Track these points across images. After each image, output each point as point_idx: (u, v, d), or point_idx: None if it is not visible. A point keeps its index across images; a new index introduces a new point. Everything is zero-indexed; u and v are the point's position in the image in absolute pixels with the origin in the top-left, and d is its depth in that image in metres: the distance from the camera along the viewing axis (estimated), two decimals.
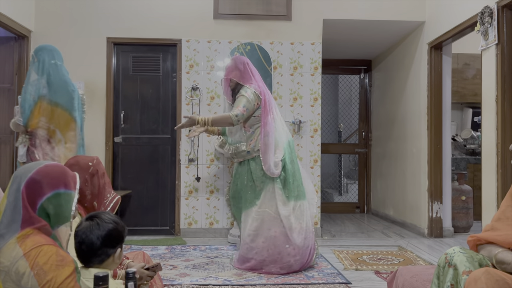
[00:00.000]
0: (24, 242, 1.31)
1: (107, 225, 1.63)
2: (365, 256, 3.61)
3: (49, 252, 1.31)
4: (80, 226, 1.61)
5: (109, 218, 1.60)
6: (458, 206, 4.71)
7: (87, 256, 1.60)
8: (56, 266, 1.30)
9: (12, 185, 1.40)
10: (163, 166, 4.49)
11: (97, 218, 1.60)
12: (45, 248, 1.32)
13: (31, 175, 1.41)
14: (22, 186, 1.38)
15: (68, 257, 1.36)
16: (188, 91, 4.44)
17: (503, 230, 1.51)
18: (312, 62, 4.53)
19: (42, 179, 1.42)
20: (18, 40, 4.28)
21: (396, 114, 5.42)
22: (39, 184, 1.40)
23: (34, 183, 1.39)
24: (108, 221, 1.60)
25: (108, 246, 1.61)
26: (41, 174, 1.43)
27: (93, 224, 1.62)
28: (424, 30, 4.65)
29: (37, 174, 1.42)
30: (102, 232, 1.59)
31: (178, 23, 4.45)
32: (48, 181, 1.43)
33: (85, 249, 1.57)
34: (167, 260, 3.44)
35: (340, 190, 7.07)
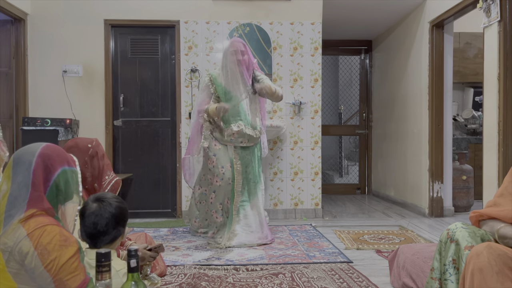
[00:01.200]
0: (27, 222, 1.32)
1: (116, 204, 1.64)
2: (366, 236, 3.63)
3: (53, 232, 1.32)
4: (90, 209, 1.61)
5: (114, 197, 1.61)
6: (459, 186, 4.72)
7: (100, 236, 1.60)
8: (59, 246, 1.30)
9: (16, 166, 1.39)
10: (164, 149, 4.48)
11: (105, 198, 1.60)
12: (49, 228, 1.32)
13: (40, 153, 1.41)
14: (32, 165, 1.38)
15: (72, 237, 1.36)
16: (187, 73, 4.40)
17: (505, 206, 1.50)
18: (312, 42, 4.48)
19: (51, 156, 1.43)
20: (15, 23, 4.23)
21: (396, 94, 5.39)
22: (50, 161, 1.41)
23: (45, 160, 1.40)
24: (115, 201, 1.61)
25: (120, 225, 1.62)
26: (50, 151, 1.44)
27: (105, 205, 1.62)
28: (425, 8, 4.59)
29: (47, 150, 1.43)
30: (115, 211, 1.61)
31: (176, 4, 4.39)
32: (56, 158, 1.44)
33: (101, 229, 1.58)
34: (170, 241, 3.46)
35: (340, 172, 7.08)
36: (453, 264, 1.46)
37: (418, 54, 4.76)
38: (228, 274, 2.58)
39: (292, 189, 4.48)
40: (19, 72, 4.21)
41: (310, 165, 4.50)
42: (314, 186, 4.51)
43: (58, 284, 1.27)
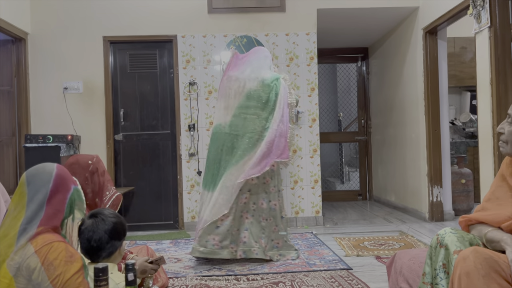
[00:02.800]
0: (35, 239, 1.38)
1: (111, 219, 1.69)
2: (367, 242, 3.66)
3: (59, 249, 1.37)
4: (85, 224, 1.67)
5: (111, 213, 1.66)
6: (459, 190, 4.74)
7: (96, 251, 1.65)
8: (65, 262, 1.36)
9: (32, 185, 1.46)
10: (165, 161, 4.54)
11: (100, 214, 1.66)
12: (55, 245, 1.38)
13: (56, 173, 1.49)
14: (50, 185, 1.45)
15: (77, 254, 1.42)
16: (186, 86, 4.47)
17: (492, 210, 1.54)
18: (307, 52, 4.55)
19: (65, 176, 1.52)
20: (16, 42, 4.32)
21: (394, 100, 5.45)
22: (65, 181, 1.50)
23: (61, 180, 1.49)
24: (111, 216, 1.66)
25: (115, 239, 1.67)
26: (63, 172, 1.53)
27: (98, 221, 1.68)
28: (418, 15, 4.66)
29: (61, 171, 1.52)
30: (108, 226, 1.66)
31: (173, 19, 4.48)
32: (68, 178, 1.53)
33: (95, 244, 1.63)
34: (172, 253, 3.50)
35: (342, 179, 7.11)
36: (444, 269, 1.50)
37: (413, 60, 4.82)
38: (229, 284, 2.62)
39: (292, 198, 4.52)
40: (21, 90, 4.29)
41: (309, 173, 4.54)
42: (314, 194, 4.54)
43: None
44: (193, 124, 4.44)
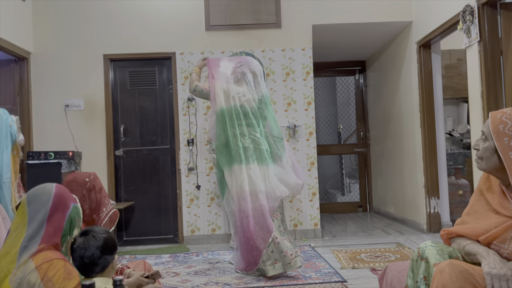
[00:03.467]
0: (36, 256, 1.46)
1: (101, 235, 1.75)
2: (363, 255, 3.69)
3: (58, 266, 1.45)
4: (77, 243, 1.73)
5: (101, 230, 1.73)
6: (456, 201, 4.77)
7: (89, 267, 1.71)
8: (63, 278, 1.44)
9: (32, 204, 1.54)
10: (164, 176, 4.61)
11: (91, 232, 1.72)
12: (55, 262, 1.46)
13: (55, 192, 1.57)
14: (50, 204, 1.53)
15: (75, 271, 1.50)
16: (185, 102, 4.56)
17: (471, 223, 1.60)
18: (303, 67, 4.63)
19: (64, 195, 1.59)
20: (18, 62, 4.44)
21: (391, 113, 5.51)
22: (63, 200, 1.57)
23: (60, 199, 1.56)
24: (101, 232, 1.73)
25: (107, 254, 1.73)
26: (62, 191, 1.61)
27: (89, 238, 1.74)
28: (412, 29, 4.74)
29: (60, 190, 1.60)
30: (99, 242, 1.72)
31: (171, 36, 4.59)
32: (67, 197, 1.61)
33: (87, 261, 1.69)
34: (170, 267, 3.55)
35: (342, 190, 7.14)
36: (424, 281, 1.55)
37: (408, 73, 4.90)
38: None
39: (290, 211, 4.56)
40: (24, 109, 4.40)
41: (307, 186, 4.59)
42: (312, 206, 4.59)
43: None
44: (192, 139, 4.52)
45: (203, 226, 4.53)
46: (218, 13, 4.60)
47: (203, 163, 4.54)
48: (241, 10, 4.61)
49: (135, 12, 4.58)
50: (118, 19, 4.58)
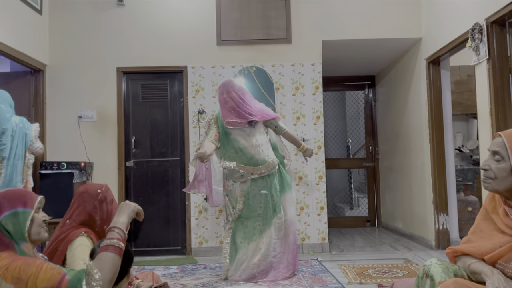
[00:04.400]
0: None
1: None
2: (371, 270, 3.69)
3: (16, 265, 1.47)
4: (94, 254, 1.76)
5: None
6: (465, 217, 4.75)
7: None
8: (28, 267, 1.46)
9: None
10: (173, 187, 4.66)
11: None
12: (12, 265, 1.47)
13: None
14: None
15: (36, 259, 1.52)
16: (195, 114, 4.63)
17: (476, 242, 1.61)
18: (313, 82, 4.68)
19: (1, 200, 1.57)
20: (34, 73, 4.55)
21: (400, 128, 5.52)
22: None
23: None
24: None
25: (123, 266, 1.76)
26: (1, 196, 1.59)
27: None
28: (421, 46, 4.78)
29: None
30: None
31: (183, 51, 4.67)
32: (7, 201, 1.58)
33: None
34: (178, 279, 3.58)
35: (351, 204, 7.13)
36: None
37: (417, 89, 4.92)
38: None
39: (298, 224, 4.57)
40: (38, 119, 4.49)
41: (315, 200, 4.61)
42: (320, 220, 4.60)
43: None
44: None
45: (211, 238, 4.56)
46: (230, 28, 4.69)
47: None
48: (252, 25, 4.70)
49: (148, 26, 4.69)
50: (132, 33, 4.68)
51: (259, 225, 3.49)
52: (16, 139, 3.42)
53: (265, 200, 3.50)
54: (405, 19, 4.75)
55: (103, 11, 4.69)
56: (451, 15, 4.13)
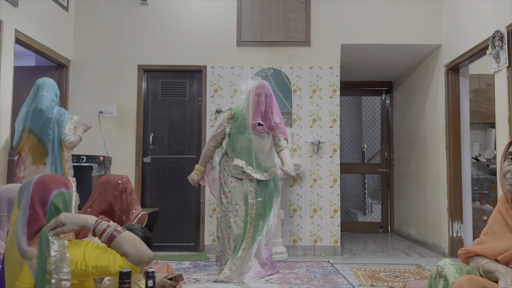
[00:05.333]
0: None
1: (142, 233, 1.84)
2: (382, 274, 3.69)
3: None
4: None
5: (140, 228, 1.82)
6: (480, 226, 4.70)
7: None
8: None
9: (20, 195, 1.60)
10: (189, 185, 4.68)
11: (132, 229, 1.82)
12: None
13: (35, 180, 1.61)
14: (30, 191, 1.58)
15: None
16: (213, 113, 4.70)
17: (489, 243, 1.63)
18: (330, 85, 4.71)
19: (47, 180, 1.62)
20: (58, 68, 4.67)
21: (416, 134, 5.51)
22: (45, 185, 1.59)
23: (40, 184, 1.59)
24: (140, 230, 1.83)
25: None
26: (45, 177, 1.64)
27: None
28: (440, 52, 4.77)
29: (41, 178, 1.63)
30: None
31: (203, 50, 4.75)
32: (51, 183, 1.63)
33: None
34: (191, 274, 3.63)
35: (364, 210, 7.12)
36: None
37: (435, 96, 4.91)
38: None
39: (311, 226, 4.60)
40: None
41: (329, 203, 4.62)
42: (333, 223, 4.61)
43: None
44: None
45: None
46: (250, 30, 4.75)
47: None
48: (272, 27, 4.75)
49: (170, 26, 4.78)
50: (153, 32, 4.78)
51: (260, 225, 3.53)
52: (55, 130, 3.43)
53: (264, 201, 3.57)
54: (425, 25, 4.75)
55: (126, 10, 4.80)
56: (471, 22, 4.12)
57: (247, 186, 3.54)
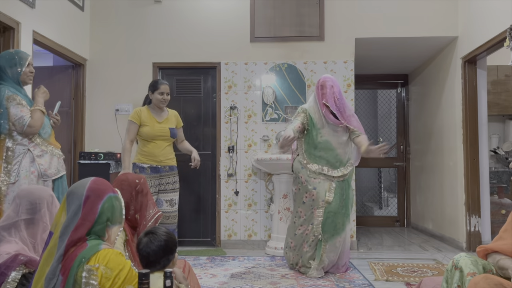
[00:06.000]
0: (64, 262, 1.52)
1: (163, 237, 1.87)
2: (399, 269, 3.68)
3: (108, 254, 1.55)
4: (142, 243, 1.87)
5: (162, 231, 1.86)
6: (498, 220, 4.65)
7: (153, 264, 1.85)
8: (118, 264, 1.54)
9: (70, 198, 1.63)
10: (205, 180, 4.77)
11: (153, 233, 1.86)
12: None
13: (89, 186, 1.66)
14: (83, 196, 1.62)
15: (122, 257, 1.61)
16: (227, 110, 4.72)
17: (507, 240, 1.62)
18: (345, 79, 4.69)
19: (98, 188, 1.67)
20: (75, 67, 4.75)
21: (432, 127, 5.45)
22: (97, 192, 1.65)
23: (93, 191, 1.64)
24: (162, 234, 1.86)
25: (168, 253, 1.86)
26: (97, 184, 1.69)
27: (153, 239, 1.87)
28: (457, 45, 4.70)
29: (94, 184, 1.68)
30: (161, 243, 1.84)
31: (217, 47, 4.77)
32: (102, 188, 1.69)
33: (151, 259, 1.83)
34: (208, 269, 3.68)
35: (380, 204, 7.08)
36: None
37: (451, 89, 4.85)
38: None
39: None
40: (78, 111, 4.70)
41: None
42: None
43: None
44: (232, 146, 4.66)
45: (240, 231, 4.65)
46: (263, 25, 4.75)
47: (242, 170, 4.67)
48: (285, 22, 4.74)
49: (184, 23, 4.81)
50: (168, 30, 4.82)
51: (341, 223, 3.47)
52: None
53: (343, 198, 3.48)
54: (441, 17, 4.69)
55: (141, 8, 4.85)
56: (488, 14, 4.05)
57: (329, 184, 3.46)
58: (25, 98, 2.80)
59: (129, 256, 2.16)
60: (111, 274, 1.48)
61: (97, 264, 1.48)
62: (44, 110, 2.82)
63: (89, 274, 1.46)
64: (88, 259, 1.49)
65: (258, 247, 4.58)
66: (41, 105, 2.81)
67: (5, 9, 3.40)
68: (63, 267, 1.48)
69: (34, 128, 2.72)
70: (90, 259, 1.50)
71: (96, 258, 1.51)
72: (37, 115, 2.74)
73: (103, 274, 1.47)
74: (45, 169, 2.76)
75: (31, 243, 2.03)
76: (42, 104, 2.83)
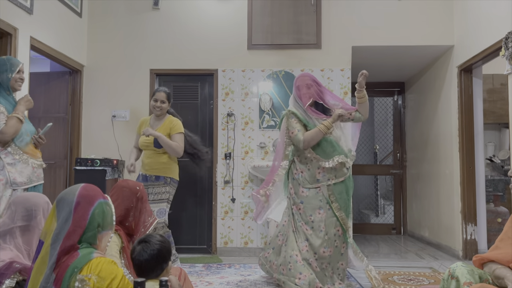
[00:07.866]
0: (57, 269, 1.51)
1: (157, 246, 1.85)
2: (396, 277, 3.68)
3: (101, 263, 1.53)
4: (135, 252, 1.85)
5: (156, 239, 1.84)
6: (494, 228, 4.66)
7: (147, 273, 1.83)
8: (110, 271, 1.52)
9: (60, 205, 1.61)
10: (201, 187, 4.76)
11: (146, 241, 1.84)
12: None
13: (79, 192, 1.63)
14: (74, 203, 1.60)
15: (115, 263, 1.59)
16: (224, 117, 4.72)
17: (503, 249, 1.62)
18: (342, 87, 4.71)
19: (88, 194, 1.65)
20: (72, 74, 4.75)
21: (429, 135, 5.47)
22: (87, 198, 1.62)
23: (84, 198, 1.61)
24: (156, 242, 1.84)
25: (161, 262, 1.85)
26: (87, 190, 1.67)
27: (144, 247, 1.85)
28: (453, 53, 4.73)
29: (84, 191, 1.65)
30: (154, 252, 1.83)
31: (214, 54, 4.78)
32: (92, 194, 1.66)
33: (145, 268, 1.82)
34: (203, 277, 3.66)
35: (377, 211, 7.08)
36: None
37: (447, 97, 4.87)
38: None
39: None
40: (74, 117, 4.68)
41: None
42: None
43: None
44: (229, 153, 4.66)
45: (236, 239, 4.63)
46: (260, 33, 4.77)
47: (239, 177, 4.67)
48: (282, 30, 4.76)
49: (182, 30, 4.82)
50: (165, 36, 4.83)
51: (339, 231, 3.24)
52: None
53: (346, 204, 3.26)
54: (437, 26, 4.72)
55: (138, 15, 4.86)
56: (484, 24, 4.09)
57: (326, 192, 3.20)
58: (9, 104, 2.76)
59: (125, 263, 2.15)
60: (104, 284, 1.47)
61: (89, 274, 1.47)
62: (22, 118, 2.75)
63: (82, 284, 1.45)
64: (81, 269, 1.47)
65: (254, 255, 4.57)
66: (20, 112, 2.74)
67: (3, 15, 3.40)
68: (56, 278, 1.47)
69: (5, 135, 2.66)
70: (82, 269, 1.48)
71: (88, 267, 1.49)
72: (11, 122, 2.67)
73: (96, 284, 1.46)
74: (15, 178, 2.68)
75: (26, 250, 2.01)
76: (22, 112, 2.76)
